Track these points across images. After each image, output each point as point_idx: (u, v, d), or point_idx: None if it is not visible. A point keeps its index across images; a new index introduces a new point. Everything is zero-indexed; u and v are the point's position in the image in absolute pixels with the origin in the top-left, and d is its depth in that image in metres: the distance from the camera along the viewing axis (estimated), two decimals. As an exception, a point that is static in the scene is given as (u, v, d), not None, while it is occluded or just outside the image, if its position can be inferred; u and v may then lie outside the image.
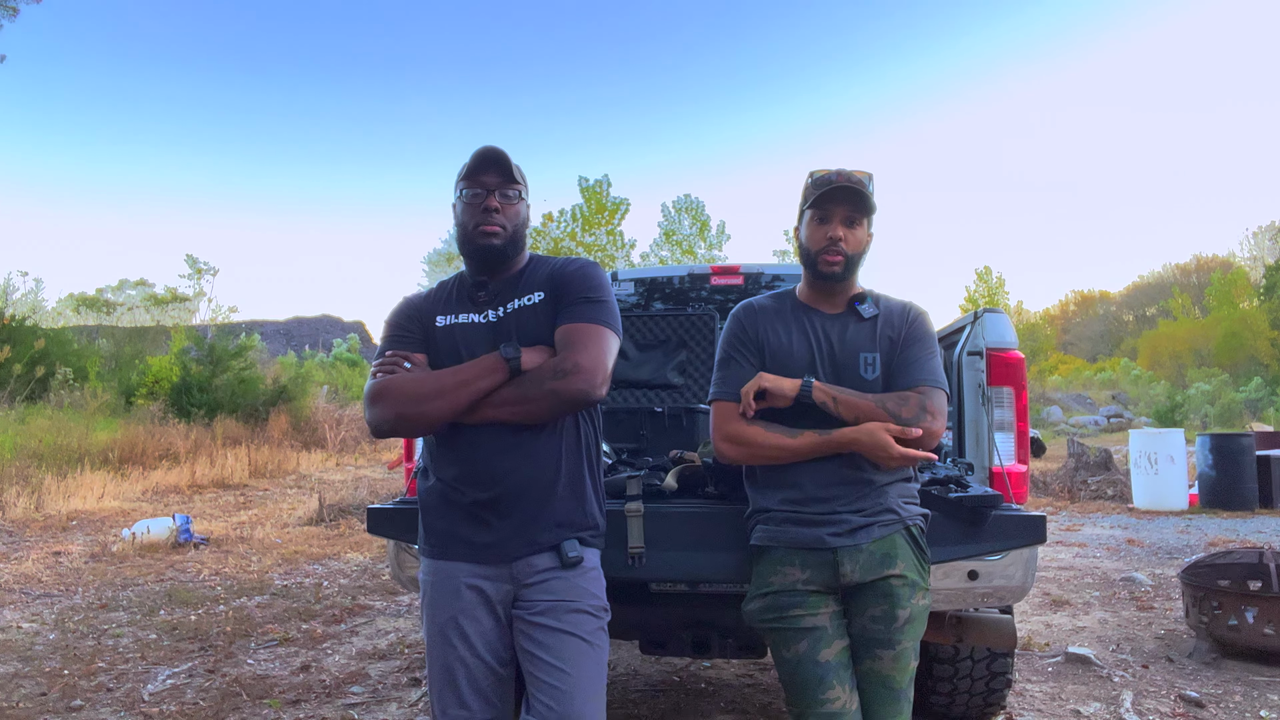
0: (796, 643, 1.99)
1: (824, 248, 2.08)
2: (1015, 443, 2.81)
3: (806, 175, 2.14)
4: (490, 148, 1.98)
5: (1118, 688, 3.94)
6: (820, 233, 2.09)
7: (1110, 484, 11.43)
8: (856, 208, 2.07)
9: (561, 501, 1.92)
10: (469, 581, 1.91)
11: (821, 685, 1.94)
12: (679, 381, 3.88)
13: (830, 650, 1.98)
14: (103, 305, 28.24)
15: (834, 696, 1.94)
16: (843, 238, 2.07)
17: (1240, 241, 49.69)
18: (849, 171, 2.08)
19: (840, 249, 2.07)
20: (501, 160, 1.97)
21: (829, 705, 1.93)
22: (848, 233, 2.08)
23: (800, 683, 1.97)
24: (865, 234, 2.12)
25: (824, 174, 2.09)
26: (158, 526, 7.65)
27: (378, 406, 1.88)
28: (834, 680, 1.95)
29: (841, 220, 2.07)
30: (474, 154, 1.98)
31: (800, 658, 1.98)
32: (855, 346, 2.09)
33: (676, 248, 25.95)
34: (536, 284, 2.00)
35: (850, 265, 2.10)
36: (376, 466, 14.72)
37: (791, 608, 2.01)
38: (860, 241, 2.10)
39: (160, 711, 3.69)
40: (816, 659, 1.97)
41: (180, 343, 15.95)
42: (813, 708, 1.94)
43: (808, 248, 2.12)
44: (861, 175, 2.08)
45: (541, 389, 1.83)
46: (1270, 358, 33.85)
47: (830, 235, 2.07)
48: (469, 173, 1.98)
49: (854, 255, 2.09)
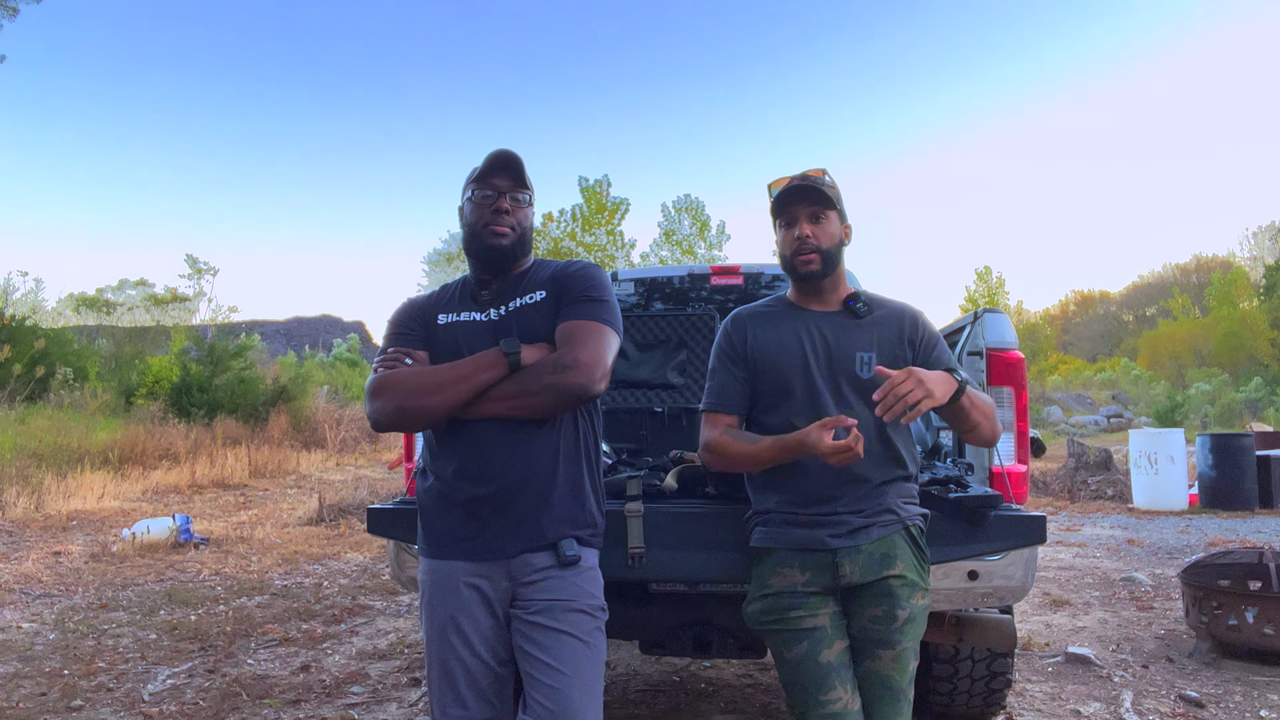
0: (797, 644, 1.99)
1: (795, 249, 2.10)
2: (1015, 443, 2.81)
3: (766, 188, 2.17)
4: (504, 151, 2.00)
5: (1118, 688, 3.94)
6: (789, 236, 2.11)
7: (1110, 484, 11.43)
8: (816, 202, 2.09)
9: (559, 499, 1.92)
10: (468, 580, 1.91)
11: (823, 686, 1.95)
12: (679, 381, 3.88)
13: (831, 651, 1.98)
14: (103, 305, 28.23)
15: (835, 697, 1.94)
16: (810, 234, 2.09)
17: (1240, 241, 49.75)
18: (804, 172, 2.12)
19: (810, 245, 2.09)
20: (515, 164, 2.00)
21: (831, 706, 1.93)
22: (815, 229, 2.09)
23: (802, 684, 1.97)
24: (836, 227, 2.13)
25: (779, 182, 2.13)
26: (158, 526, 7.65)
27: (378, 400, 1.89)
28: (835, 681, 1.95)
29: (807, 219, 2.10)
30: (488, 156, 2.01)
31: (801, 659, 1.98)
32: (851, 345, 2.10)
33: (676, 248, 25.94)
34: (539, 284, 2.01)
35: (828, 260, 2.10)
36: (376, 466, 14.72)
37: (792, 609, 2.01)
38: (832, 235, 2.11)
39: (160, 711, 3.69)
40: (817, 660, 1.97)
41: (180, 343, 15.95)
42: (815, 709, 1.94)
43: (784, 254, 2.15)
44: (816, 173, 2.12)
45: (540, 383, 1.84)
46: (1270, 358, 33.84)
47: (798, 235, 2.09)
48: (482, 174, 2.00)
49: (829, 250, 2.10)
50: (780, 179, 2.15)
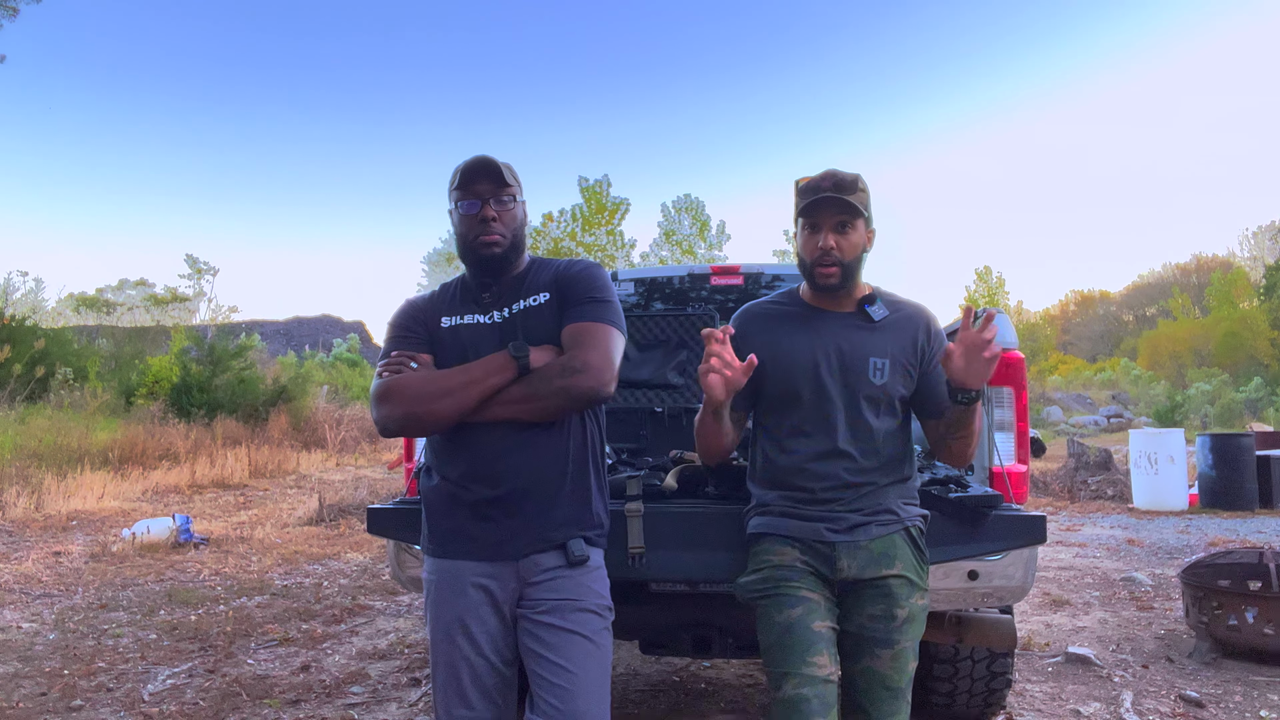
0: (791, 608, 1.97)
1: (817, 259, 2.04)
2: (1015, 443, 2.81)
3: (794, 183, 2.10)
4: (479, 157, 1.97)
5: (1118, 688, 3.94)
6: (812, 243, 2.04)
7: (1110, 484, 11.43)
8: (845, 212, 2.02)
9: (568, 500, 1.92)
10: (475, 580, 1.90)
11: (811, 649, 1.92)
12: (679, 381, 3.88)
13: (823, 624, 1.96)
14: (103, 305, 28.25)
15: (821, 662, 1.92)
16: (835, 246, 2.01)
17: (1240, 241, 49.71)
18: (836, 173, 2.03)
19: (833, 258, 2.02)
20: (491, 167, 1.96)
21: (815, 670, 1.91)
22: (840, 239, 2.02)
23: (789, 644, 1.94)
24: (861, 236, 2.06)
25: (810, 181, 2.05)
26: (158, 526, 7.65)
27: (386, 406, 1.87)
28: (823, 648, 1.93)
29: (832, 228, 2.02)
30: (463, 165, 1.97)
31: (793, 622, 1.95)
32: (865, 350, 2.06)
33: (676, 248, 25.96)
34: (541, 285, 2.00)
35: (847, 273, 2.05)
36: (376, 466, 14.73)
37: (788, 580, 2.00)
38: (856, 245, 2.05)
39: (160, 711, 3.69)
40: (810, 625, 1.95)
41: (180, 343, 15.95)
42: (798, 668, 1.91)
43: (803, 258, 2.09)
44: (850, 177, 2.03)
45: (551, 387, 1.84)
46: (1270, 358, 33.85)
47: (821, 246, 2.02)
48: (461, 183, 1.97)
49: (850, 262, 2.04)
50: (809, 176, 2.06)
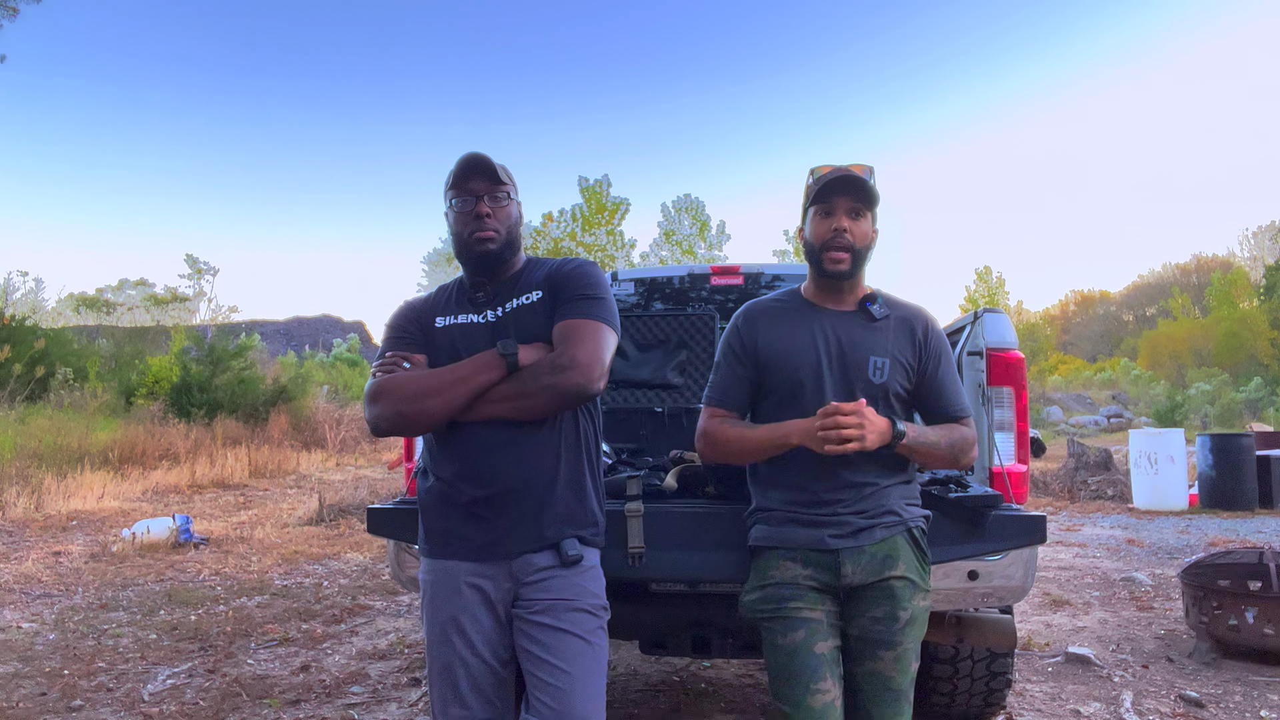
0: (793, 631, 1.98)
1: (829, 239, 2.05)
2: (1015, 443, 2.81)
3: (808, 174, 2.13)
4: (473, 154, 1.98)
5: (1118, 688, 3.94)
6: (825, 225, 2.06)
7: (1110, 484, 11.43)
8: (860, 199, 2.05)
9: (561, 499, 1.92)
10: (470, 580, 1.91)
11: (815, 675, 1.94)
12: (679, 381, 3.88)
13: (825, 645, 1.98)
14: (103, 305, 28.25)
15: (826, 688, 1.94)
16: (847, 228, 2.04)
17: (1240, 241, 49.65)
18: (850, 166, 2.08)
19: (845, 240, 2.04)
20: (486, 165, 1.97)
21: (821, 696, 1.93)
22: (852, 224, 2.05)
23: (794, 671, 1.96)
24: (870, 228, 2.09)
25: (826, 170, 2.08)
26: (158, 526, 7.65)
27: (377, 405, 1.89)
28: (826, 673, 1.95)
29: (846, 212, 2.05)
30: (457, 163, 1.99)
31: (797, 646, 1.97)
32: (866, 349, 2.07)
33: (676, 248, 25.94)
34: (534, 283, 2.01)
35: (857, 260, 2.07)
36: (376, 466, 14.73)
37: (790, 600, 2.00)
38: (866, 235, 2.08)
39: (160, 711, 3.69)
40: (813, 649, 1.96)
41: (180, 343, 15.96)
42: (805, 696, 1.93)
43: (812, 243, 2.09)
44: (860, 169, 2.08)
45: (538, 383, 1.84)
46: (1270, 358, 33.83)
47: (835, 226, 2.04)
48: (456, 182, 1.98)
49: (860, 249, 2.07)
50: (826, 166, 2.10)
